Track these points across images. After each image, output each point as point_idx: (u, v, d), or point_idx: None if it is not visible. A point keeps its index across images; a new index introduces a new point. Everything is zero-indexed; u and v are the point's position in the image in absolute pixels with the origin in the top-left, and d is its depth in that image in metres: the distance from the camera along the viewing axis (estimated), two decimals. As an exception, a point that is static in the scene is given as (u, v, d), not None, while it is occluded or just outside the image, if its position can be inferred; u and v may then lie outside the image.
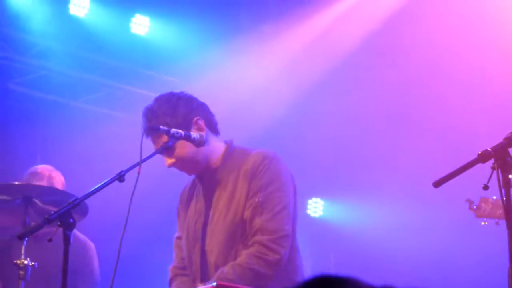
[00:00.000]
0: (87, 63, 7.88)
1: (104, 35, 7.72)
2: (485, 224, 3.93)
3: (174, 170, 4.12)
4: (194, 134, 3.98)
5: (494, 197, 3.93)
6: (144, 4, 7.84)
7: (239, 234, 3.97)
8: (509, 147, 3.00)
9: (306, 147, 7.36)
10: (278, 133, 7.49)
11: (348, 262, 8.36)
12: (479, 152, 2.98)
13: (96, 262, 5.35)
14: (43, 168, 5.35)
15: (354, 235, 8.45)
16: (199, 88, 5.11)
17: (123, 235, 3.58)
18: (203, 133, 4.04)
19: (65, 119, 7.80)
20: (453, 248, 7.52)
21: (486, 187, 3.03)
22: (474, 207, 3.98)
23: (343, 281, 1.38)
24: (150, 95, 8.23)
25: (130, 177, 3.64)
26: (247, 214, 3.95)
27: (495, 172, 2.99)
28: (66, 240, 3.41)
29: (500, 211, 3.90)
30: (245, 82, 7.65)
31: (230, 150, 4.15)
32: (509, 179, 2.94)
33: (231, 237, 3.97)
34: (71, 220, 3.42)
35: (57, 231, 3.40)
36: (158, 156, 3.94)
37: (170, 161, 4.04)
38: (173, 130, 3.83)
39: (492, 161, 3.01)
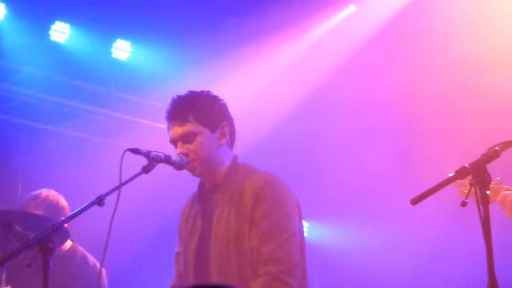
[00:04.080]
0: (68, 89, 7.87)
1: (85, 60, 7.71)
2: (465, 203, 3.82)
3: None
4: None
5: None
6: (125, 29, 7.84)
7: (245, 261, 3.87)
8: (487, 163, 3.00)
9: (289, 169, 7.33)
10: (260, 156, 7.47)
11: (333, 284, 8.35)
12: (457, 169, 2.98)
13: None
14: (42, 193, 5.36)
15: (339, 256, 8.43)
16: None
17: (103, 259, 3.54)
18: (225, 140, 4.05)
19: (46, 146, 7.77)
20: (431, 269, 7.56)
21: (464, 204, 3.03)
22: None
23: None
24: (132, 120, 8.31)
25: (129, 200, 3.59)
26: (254, 242, 3.85)
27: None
28: (45, 266, 3.35)
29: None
30: (227, 104, 7.64)
31: (234, 167, 4.07)
32: (487, 195, 2.93)
33: (236, 264, 3.87)
34: (51, 245, 3.37)
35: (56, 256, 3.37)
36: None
37: (184, 149, 3.96)
38: (153, 153, 3.78)
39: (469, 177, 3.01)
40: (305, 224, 8.64)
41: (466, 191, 3.80)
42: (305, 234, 8.48)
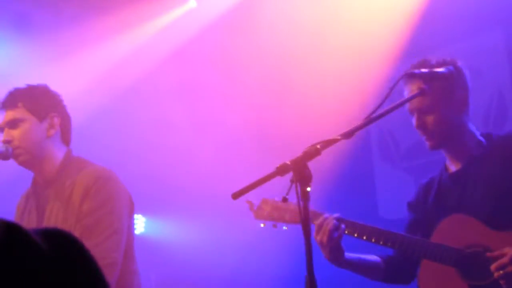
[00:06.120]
0: None
1: None
2: (264, 226, 3.97)
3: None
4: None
5: (276, 199, 3.99)
6: None
7: None
8: (308, 160, 3.03)
9: (124, 162, 7.21)
10: (91, 146, 7.31)
11: (169, 279, 8.32)
12: (277, 165, 2.99)
13: None
14: None
15: (176, 252, 8.40)
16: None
17: None
18: (53, 131, 4.05)
19: None
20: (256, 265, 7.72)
21: (285, 200, 3.06)
22: (255, 208, 4.01)
23: None
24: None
25: None
26: (76, 236, 3.80)
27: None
28: None
29: (277, 214, 3.95)
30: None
31: (67, 161, 4.06)
32: (307, 192, 2.96)
33: None
34: None
35: None
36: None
37: (8, 137, 3.99)
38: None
39: (291, 174, 3.03)
40: (142, 219, 8.55)
41: (264, 213, 3.93)
42: (143, 230, 8.41)
